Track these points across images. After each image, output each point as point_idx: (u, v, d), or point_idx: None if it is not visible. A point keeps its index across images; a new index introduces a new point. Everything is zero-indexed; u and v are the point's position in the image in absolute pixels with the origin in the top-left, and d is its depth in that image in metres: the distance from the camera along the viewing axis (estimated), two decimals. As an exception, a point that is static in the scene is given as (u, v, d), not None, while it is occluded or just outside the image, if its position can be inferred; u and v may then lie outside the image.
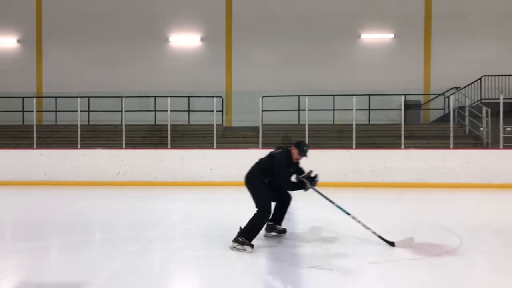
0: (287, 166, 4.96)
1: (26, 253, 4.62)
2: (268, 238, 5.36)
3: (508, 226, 6.36)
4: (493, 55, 15.12)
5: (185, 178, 10.82)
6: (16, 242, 5.32)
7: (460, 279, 3.86)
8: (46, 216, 7.18)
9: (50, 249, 4.95)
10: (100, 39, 15.99)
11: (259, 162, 5.19)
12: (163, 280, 3.87)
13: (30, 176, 11.04)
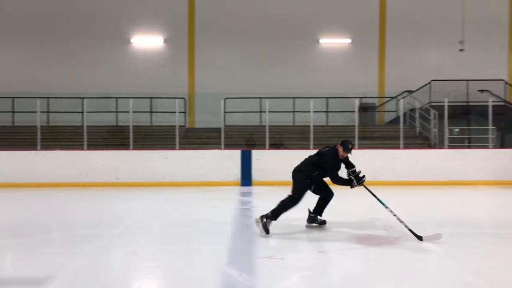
0: (335, 162, 5.57)
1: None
2: (232, 232, 5.69)
3: (448, 218, 6.99)
4: (442, 60, 16.12)
5: (147, 178, 10.96)
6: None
7: (398, 265, 4.33)
8: (1, 217, 7.19)
9: (11, 247, 5.05)
10: (59, 39, 15.79)
11: (308, 158, 5.82)
12: (124, 273, 4.11)
13: (-13, 179, 10.84)
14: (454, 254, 4.66)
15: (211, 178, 11.02)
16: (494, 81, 15.73)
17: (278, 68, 16.04)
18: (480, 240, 5.36)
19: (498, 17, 16.49)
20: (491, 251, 4.84)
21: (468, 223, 6.55)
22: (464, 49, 15.85)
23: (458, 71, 15.78)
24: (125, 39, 16.10)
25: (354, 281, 3.84)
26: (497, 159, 11.41)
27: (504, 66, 16.50)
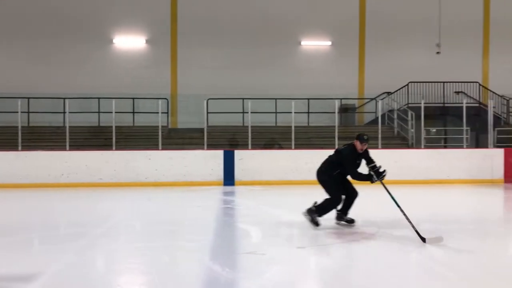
0: (353, 159, 5.65)
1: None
2: (215, 230, 5.85)
3: (424, 216, 7.28)
4: (419, 63, 16.57)
5: (130, 179, 11.01)
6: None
7: (374, 260, 4.56)
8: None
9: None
10: (40, 39, 15.64)
11: (328, 158, 5.99)
12: (111, 268, 4.24)
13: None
14: (429, 248, 4.92)
15: (194, 178, 11.14)
16: (470, 83, 16.27)
17: (260, 69, 16.23)
18: (452, 236, 5.64)
19: (474, 21, 17.03)
20: (463, 246, 5.12)
21: (441, 220, 6.86)
22: (441, 52, 16.38)
23: (435, 73, 16.24)
24: (107, 39, 16.05)
25: (332, 274, 4.06)
26: (471, 158, 11.84)
27: (479, 69, 17.05)
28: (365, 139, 5.64)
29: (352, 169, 5.68)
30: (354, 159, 5.68)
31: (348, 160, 5.67)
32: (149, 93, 14.94)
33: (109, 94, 14.32)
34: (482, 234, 5.97)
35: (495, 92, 16.13)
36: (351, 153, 5.68)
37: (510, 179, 11.86)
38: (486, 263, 4.34)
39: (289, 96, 13.78)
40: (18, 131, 11.53)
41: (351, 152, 5.68)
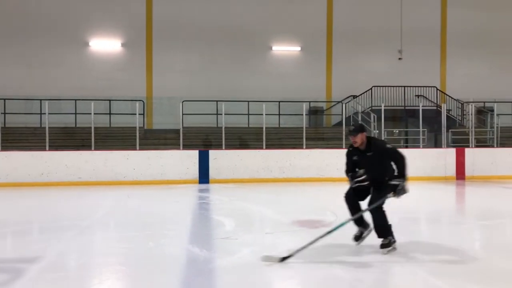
0: (346, 157, 4.77)
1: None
2: (193, 221, 6.52)
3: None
4: (383, 68, 17.69)
5: (109, 178, 11.52)
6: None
7: (333, 242, 5.37)
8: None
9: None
10: (16, 41, 15.82)
11: None
12: (100, 254, 4.88)
13: None
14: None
15: (170, 176, 11.76)
16: (429, 87, 17.47)
17: (233, 73, 16.95)
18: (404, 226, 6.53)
19: (432, 30, 18.29)
20: (414, 234, 6.00)
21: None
22: (402, 58, 17.59)
23: (397, 78, 17.37)
24: (83, 42, 16.40)
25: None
26: (426, 157, 12.92)
27: (437, 74, 18.32)
28: (348, 130, 4.71)
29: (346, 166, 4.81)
30: (348, 156, 4.77)
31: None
32: (124, 95, 15.42)
33: (85, 96, 14.74)
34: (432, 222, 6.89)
35: (451, 96, 17.42)
36: (347, 151, 4.80)
37: (461, 176, 13.02)
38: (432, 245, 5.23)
39: (261, 99, 14.56)
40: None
41: (347, 149, 4.79)
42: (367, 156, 4.49)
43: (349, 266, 4.18)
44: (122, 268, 4.23)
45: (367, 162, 4.49)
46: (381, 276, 4.01)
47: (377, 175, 4.51)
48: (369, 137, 4.59)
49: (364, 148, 4.52)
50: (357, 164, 4.60)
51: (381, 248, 4.52)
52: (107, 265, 4.32)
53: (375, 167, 4.49)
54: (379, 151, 4.50)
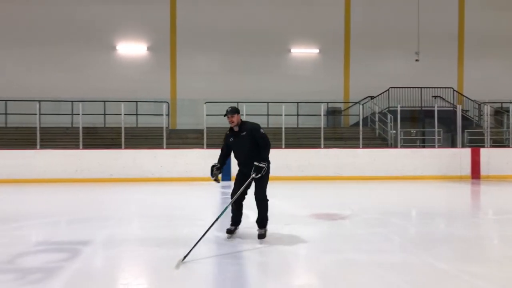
0: (224, 140, 5.25)
1: (30, 221, 6.04)
2: (219, 212, 7.11)
3: (390, 205, 8.67)
4: (400, 69, 18.03)
5: (138, 175, 12.27)
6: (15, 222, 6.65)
7: (347, 232, 5.91)
8: (22, 206, 8.43)
9: (43, 224, 6.37)
10: (50, 47, 16.76)
11: None
12: (136, 239, 5.53)
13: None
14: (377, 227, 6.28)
15: (195, 174, 12.42)
16: (447, 89, 17.72)
17: (253, 75, 17.56)
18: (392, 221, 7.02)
19: (450, 31, 18.53)
20: (428, 226, 6.49)
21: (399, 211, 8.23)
22: (419, 59, 17.85)
23: (414, 79, 17.70)
24: (111, 46, 17.25)
25: (312, 241, 5.39)
26: (441, 157, 13.28)
27: (454, 75, 18.55)
28: (228, 111, 5.01)
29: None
30: (225, 138, 5.22)
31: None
32: (150, 97, 16.18)
33: (113, 97, 15.55)
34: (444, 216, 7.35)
35: (468, 97, 17.65)
36: (227, 131, 5.24)
37: (476, 175, 13.33)
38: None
39: (280, 100, 15.10)
40: (36, 131, 12.69)
41: (228, 130, 5.22)
42: (241, 136, 5.05)
43: (364, 252, 4.71)
44: (161, 250, 4.85)
45: (240, 141, 5.05)
46: (390, 260, 4.52)
47: (249, 154, 5.03)
48: (243, 121, 5.17)
49: (238, 129, 5.08)
50: (232, 146, 5.12)
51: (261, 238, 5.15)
52: (148, 246, 4.94)
53: (247, 146, 5.03)
54: (251, 130, 5.04)
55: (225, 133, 5.25)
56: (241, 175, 5.24)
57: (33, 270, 3.96)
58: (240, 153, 5.14)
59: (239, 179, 5.25)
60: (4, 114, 15.29)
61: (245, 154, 5.09)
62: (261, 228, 5.28)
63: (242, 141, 5.07)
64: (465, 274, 3.83)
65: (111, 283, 3.80)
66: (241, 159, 5.18)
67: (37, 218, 6.85)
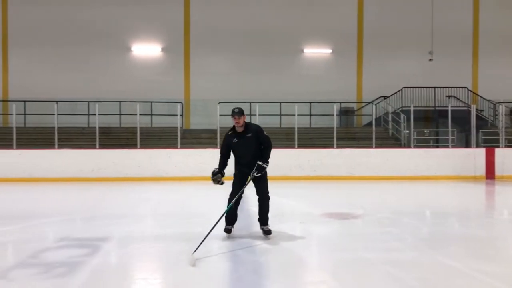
0: (224, 140, 5.23)
1: (50, 218, 6.27)
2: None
3: (402, 205, 8.71)
4: (413, 69, 17.97)
5: (152, 174, 12.49)
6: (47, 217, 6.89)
7: (359, 231, 5.99)
8: (43, 204, 8.69)
9: (68, 220, 6.59)
10: (67, 49, 17.13)
11: None
12: (154, 236, 5.69)
13: (10, 174, 12.25)
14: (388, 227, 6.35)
15: (208, 173, 12.40)
16: (461, 88, 17.60)
17: (266, 75, 17.67)
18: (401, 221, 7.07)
19: (464, 30, 18.39)
20: (440, 225, 6.54)
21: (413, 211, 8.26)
22: (433, 59, 17.78)
23: (428, 79, 17.63)
24: (126, 47, 17.53)
25: (321, 239, 5.49)
26: (455, 157, 13.23)
27: (469, 75, 18.41)
28: (235, 111, 5.03)
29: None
30: (227, 138, 5.20)
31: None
32: (164, 97, 16.40)
33: (128, 98, 15.82)
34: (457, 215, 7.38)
35: (483, 96, 17.51)
36: (226, 133, 5.24)
37: (491, 176, 13.24)
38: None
39: (293, 100, 15.17)
40: (54, 131, 12.99)
41: (227, 132, 5.22)
42: (246, 137, 5.08)
43: (375, 250, 4.79)
44: (176, 246, 4.99)
45: (246, 142, 5.07)
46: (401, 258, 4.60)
47: (253, 155, 5.10)
48: (247, 122, 5.17)
49: (242, 130, 5.09)
50: (236, 146, 5.11)
51: (267, 234, 5.21)
52: (163, 242, 5.10)
53: (253, 147, 5.10)
54: (256, 132, 5.10)
55: (226, 134, 5.21)
56: (241, 175, 5.26)
57: (56, 264, 4.14)
58: (245, 154, 5.16)
59: (239, 179, 5.27)
60: (23, 114, 15.63)
61: (251, 155, 5.14)
62: (266, 225, 5.35)
63: (247, 142, 5.11)
64: (476, 272, 3.89)
65: (129, 276, 3.97)
66: (246, 160, 5.17)
67: (57, 215, 7.07)
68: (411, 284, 3.62)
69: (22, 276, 3.87)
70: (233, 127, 5.15)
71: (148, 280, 3.82)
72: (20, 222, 6.46)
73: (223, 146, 5.23)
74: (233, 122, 5.07)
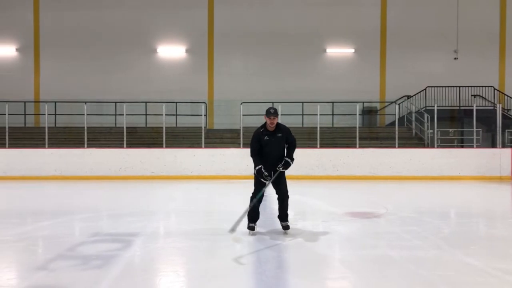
0: (253, 138, 5.34)
1: (82, 214, 6.60)
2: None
3: (425, 204, 8.73)
4: (437, 68, 17.78)
5: (178, 173, 12.81)
6: (72, 213, 7.24)
7: (382, 230, 6.09)
8: (75, 200, 9.08)
9: (95, 217, 6.91)
10: (95, 51, 17.66)
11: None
12: (182, 232, 5.93)
13: (42, 172, 12.78)
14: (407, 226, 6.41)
15: (231, 172, 12.83)
16: (488, 87, 17.32)
17: (289, 75, 17.79)
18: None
19: (490, 28, 18.05)
20: (464, 225, 6.57)
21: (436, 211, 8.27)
22: (458, 57, 17.58)
23: (453, 78, 17.40)
24: (151, 49, 17.95)
25: (338, 237, 5.62)
26: (480, 157, 13.07)
27: (495, 74, 18.07)
28: (268, 111, 5.22)
29: (251, 150, 5.37)
30: (254, 139, 5.34)
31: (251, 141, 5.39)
32: (188, 98, 16.74)
33: (153, 98, 16.22)
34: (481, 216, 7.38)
35: (510, 95, 17.17)
36: (255, 132, 5.35)
37: (518, 176, 13.02)
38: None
39: (315, 100, 15.27)
40: (83, 131, 13.48)
41: (257, 130, 5.36)
42: (277, 136, 5.32)
43: (397, 248, 4.90)
44: (202, 242, 5.21)
45: (276, 141, 5.32)
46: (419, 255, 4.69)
47: (280, 154, 5.39)
48: (277, 122, 5.38)
49: (273, 129, 5.31)
50: (266, 144, 5.29)
51: (287, 229, 5.52)
52: (191, 238, 5.33)
53: (281, 146, 5.38)
54: (286, 132, 5.38)
55: (257, 132, 5.34)
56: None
57: (92, 257, 4.42)
58: (273, 152, 5.36)
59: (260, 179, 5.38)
60: (53, 115, 16.22)
61: (277, 154, 5.38)
62: (286, 221, 5.58)
63: (277, 141, 5.35)
64: (497, 270, 3.96)
65: (161, 269, 4.22)
66: (272, 158, 5.37)
67: (88, 212, 7.41)
68: (432, 280, 3.73)
69: (62, 267, 4.15)
70: (264, 125, 5.34)
71: (179, 273, 4.05)
72: (54, 218, 6.82)
73: (255, 142, 5.34)
74: (268, 122, 5.26)
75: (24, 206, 8.29)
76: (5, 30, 17.86)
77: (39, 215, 7.16)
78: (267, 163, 5.37)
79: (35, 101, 17.40)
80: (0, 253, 4.79)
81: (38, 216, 7.00)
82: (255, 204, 5.46)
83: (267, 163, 5.37)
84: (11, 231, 5.83)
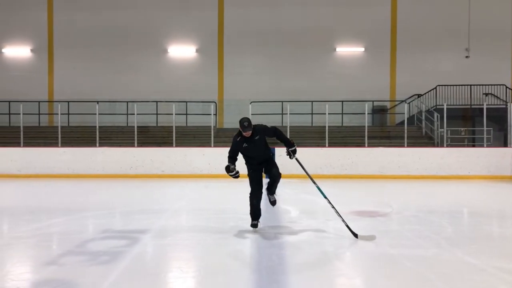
0: (232, 144, 5.52)
1: (93, 212, 6.79)
2: (264, 203, 7.59)
3: (432, 204, 8.73)
4: (448, 66, 17.66)
5: (187, 171, 12.99)
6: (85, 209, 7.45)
7: (385, 228, 6.16)
8: (86, 198, 9.31)
9: (109, 214, 7.10)
10: (107, 51, 17.99)
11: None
12: (190, 230, 6.07)
13: (56, 170, 13.07)
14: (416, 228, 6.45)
15: (241, 171, 12.74)
16: (500, 86, 17.14)
17: (298, 74, 17.87)
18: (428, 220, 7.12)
19: (502, 26, 17.87)
20: (470, 226, 6.60)
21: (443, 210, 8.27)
22: (469, 56, 17.44)
23: (464, 76, 17.28)
24: (162, 49, 18.18)
25: (347, 235, 5.70)
26: (491, 156, 12.99)
27: (507, 72, 17.88)
28: (245, 125, 5.24)
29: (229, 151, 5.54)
30: (236, 143, 5.47)
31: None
32: (198, 97, 16.92)
33: (163, 98, 16.43)
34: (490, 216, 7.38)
35: (522, 94, 17.00)
36: (234, 138, 5.52)
37: (529, 176, 12.90)
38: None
39: (325, 99, 15.32)
40: (95, 130, 13.74)
41: (235, 136, 5.51)
42: (255, 140, 5.41)
43: (398, 247, 4.97)
44: (210, 239, 5.34)
45: (256, 145, 5.43)
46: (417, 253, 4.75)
47: (264, 153, 5.57)
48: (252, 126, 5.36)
49: (250, 134, 5.37)
50: (248, 150, 5.45)
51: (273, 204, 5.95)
52: (198, 235, 5.46)
53: (262, 148, 5.51)
54: (262, 132, 5.43)
55: (235, 139, 5.46)
56: (257, 174, 5.64)
57: (100, 253, 4.58)
58: (257, 155, 5.56)
59: (256, 178, 5.63)
60: (66, 114, 16.54)
61: (262, 154, 5.60)
62: (273, 194, 5.92)
63: (257, 144, 5.48)
64: (495, 269, 4.00)
65: (166, 266, 4.36)
66: (259, 159, 5.59)
67: (99, 209, 7.61)
68: (429, 277, 3.80)
69: (71, 262, 4.32)
70: (239, 133, 5.42)
71: (183, 269, 4.18)
72: (66, 215, 7.02)
73: (232, 150, 5.51)
74: (243, 133, 5.33)
75: (37, 204, 8.53)
76: (20, 31, 18.28)
77: (51, 212, 7.37)
78: (256, 165, 5.65)
79: (49, 100, 17.78)
80: (13, 248, 4.98)
81: (50, 214, 7.21)
82: (253, 201, 5.67)
83: (256, 165, 5.65)
84: (24, 228, 6.04)
